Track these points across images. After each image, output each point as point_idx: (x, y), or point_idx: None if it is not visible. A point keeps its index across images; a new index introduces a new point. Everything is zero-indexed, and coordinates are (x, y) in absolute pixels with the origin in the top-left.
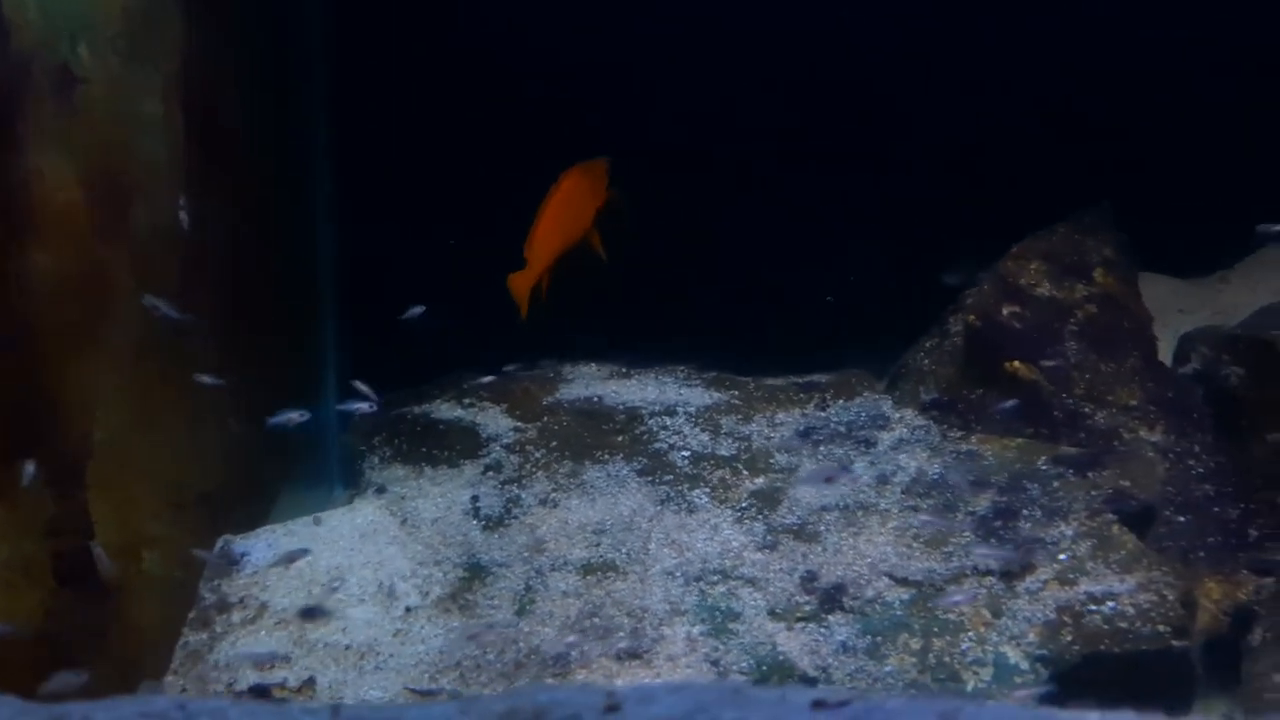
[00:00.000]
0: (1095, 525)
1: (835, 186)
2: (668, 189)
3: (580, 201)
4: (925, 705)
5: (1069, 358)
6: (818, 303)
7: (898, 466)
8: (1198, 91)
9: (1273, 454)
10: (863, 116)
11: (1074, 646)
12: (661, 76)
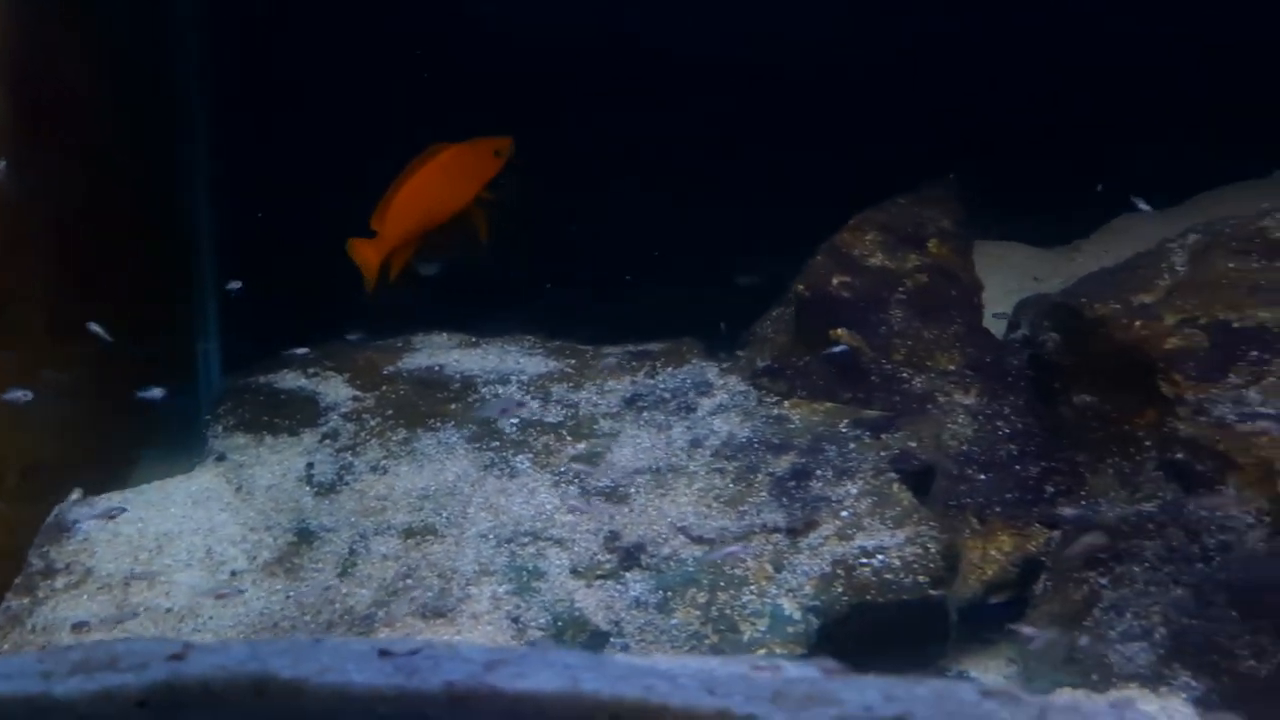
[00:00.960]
0: (878, 484)
1: (698, 161)
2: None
3: (454, 179)
4: (477, 654)
5: (892, 325)
6: (678, 276)
7: (711, 431)
8: (1061, 66)
9: (1079, 415)
10: (714, 90)
11: (844, 598)
12: (528, 52)
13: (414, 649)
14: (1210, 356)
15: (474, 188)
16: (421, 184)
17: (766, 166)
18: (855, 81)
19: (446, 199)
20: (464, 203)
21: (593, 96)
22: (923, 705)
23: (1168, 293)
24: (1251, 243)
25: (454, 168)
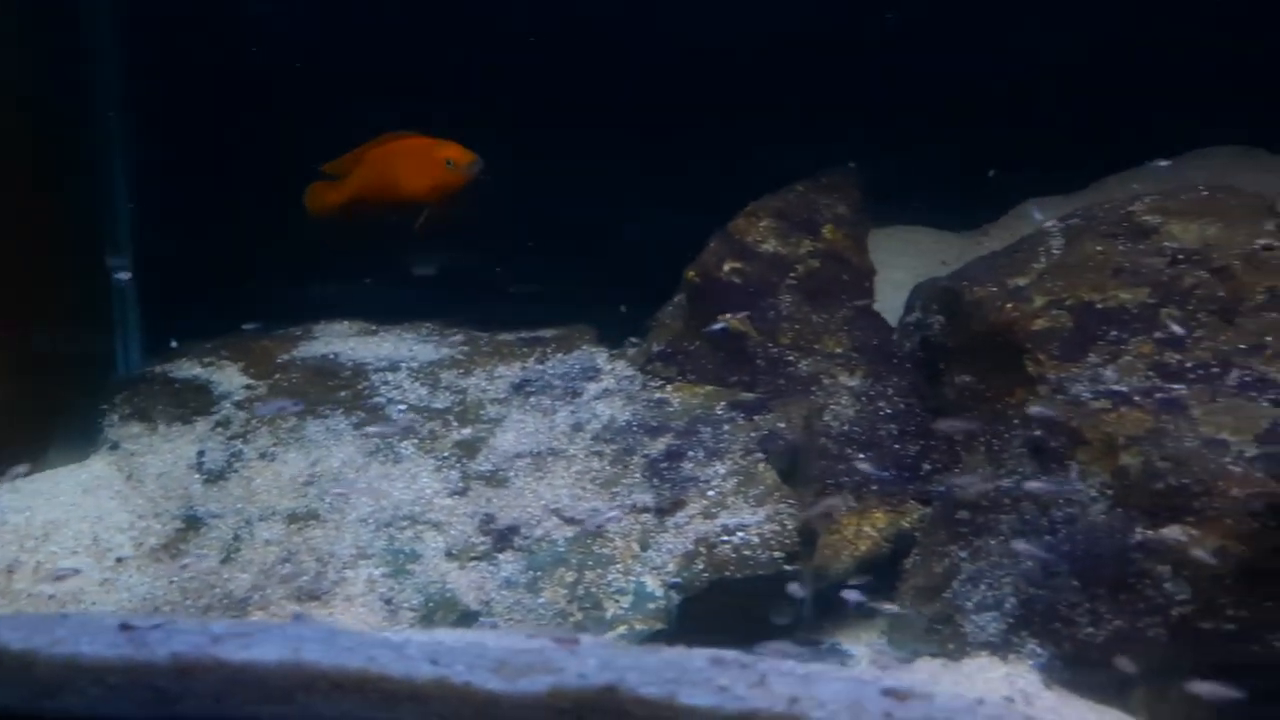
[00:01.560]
0: (745, 463)
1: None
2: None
3: (407, 167)
4: (217, 628)
5: (781, 310)
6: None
7: (594, 415)
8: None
9: (959, 395)
10: (619, 78)
11: (704, 574)
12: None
13: (157, 624)
14: (1073, 337)
15: (416, 185)
16: (387, 154)
17: (678, 156)
18: (761, 70)
19: (395, 182)
20: (416, 193)
21: (497, 87)
22: (637, 673)
23: (1039, 275)
24: (1119, 226)
25: (410, 155)
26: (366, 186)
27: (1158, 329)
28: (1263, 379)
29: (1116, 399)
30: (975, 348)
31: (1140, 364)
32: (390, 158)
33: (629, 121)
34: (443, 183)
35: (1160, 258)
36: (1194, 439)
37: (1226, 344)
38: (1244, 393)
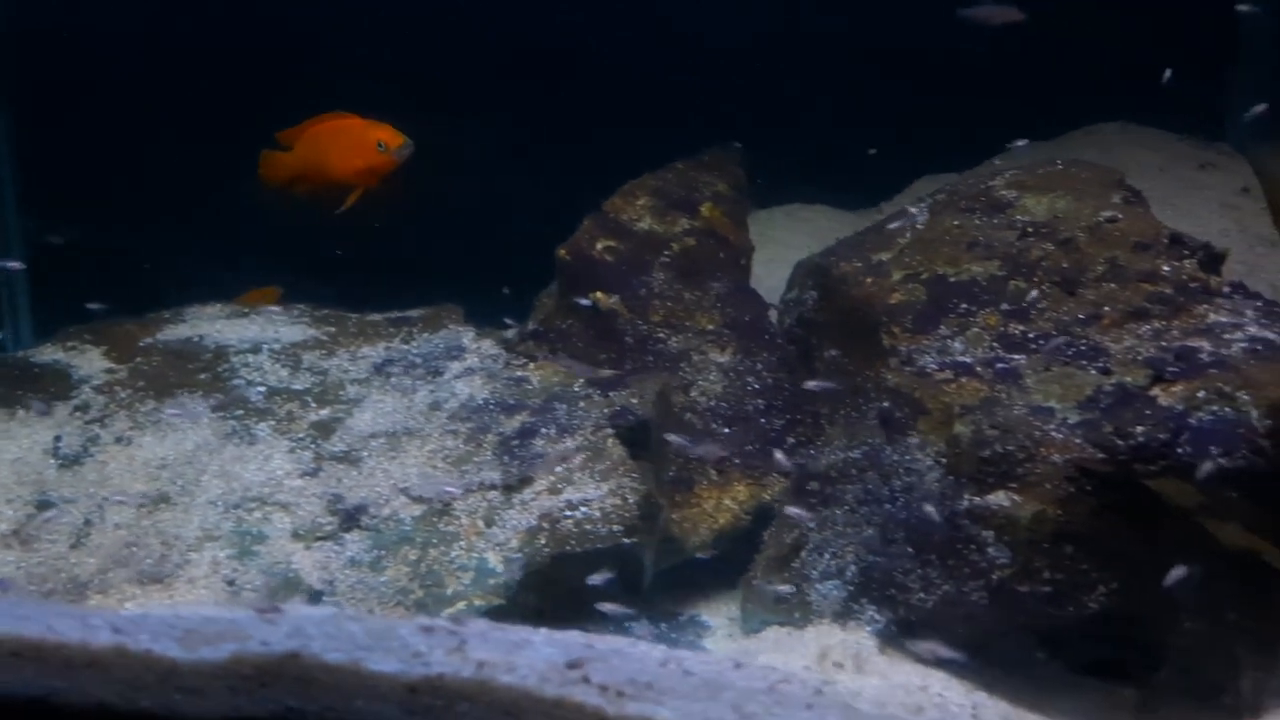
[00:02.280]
0: (595, 439)
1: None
2: None
3: (339, 148)
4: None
5: (653, 287)
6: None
7: (453, 394)
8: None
9: (827, 369)
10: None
11: (545, 549)
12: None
13: None
14: (926, 310)
15: (349, 165)
16: (322, 134)
17: (569, 138)
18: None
19: (335, 161)
20: (346, 174)
21: (372, 72)
22: (324, 640)
23: (901, 250)
24: (978, 201)
25: (349, 137)
26: (303, 164)
27: (1005, 301)
28: (1096, 348)
29: (959, 370)
30: (841, 322)
31: (986, 335)
32: (324, 137)
33: (525, 105)
34: (373, 165)
35: (1012, 231)
36: (1024, 407)
37: (1067, 314)
38: (1077, 361)
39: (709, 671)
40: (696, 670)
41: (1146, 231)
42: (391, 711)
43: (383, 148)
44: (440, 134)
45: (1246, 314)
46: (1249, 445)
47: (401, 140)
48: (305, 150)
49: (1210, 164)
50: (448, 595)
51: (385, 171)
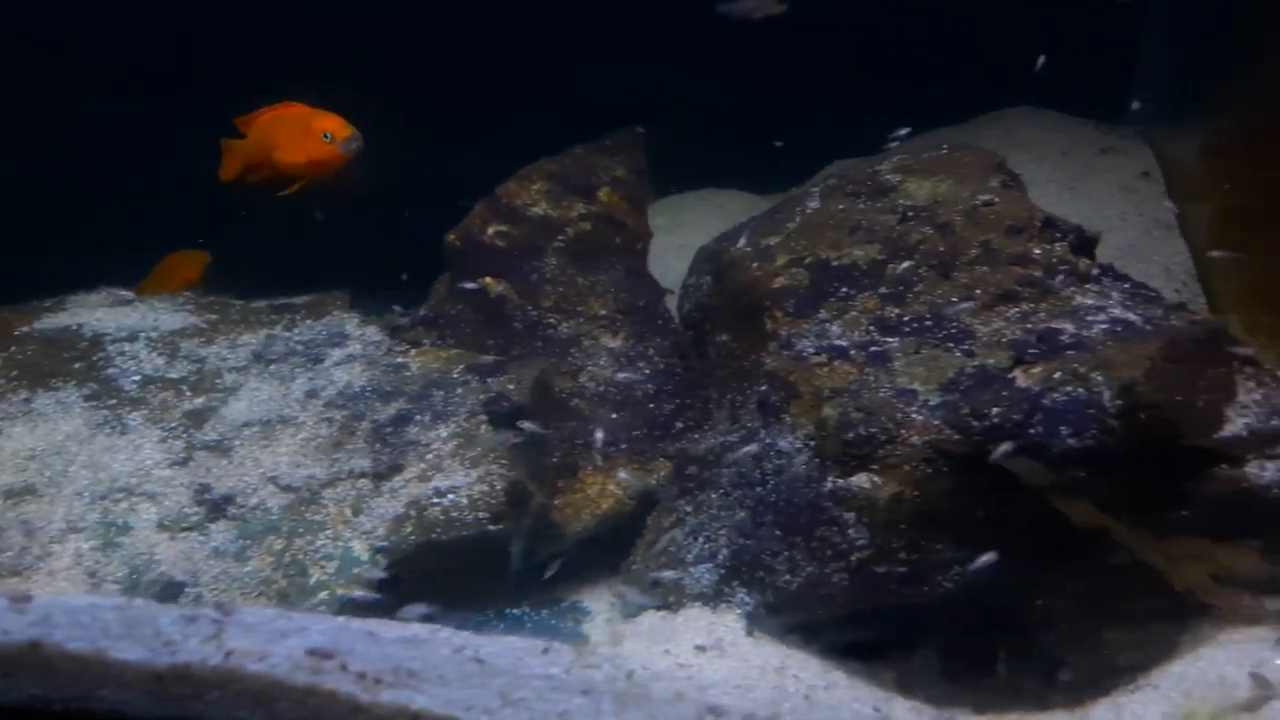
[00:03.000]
0: (468, 426)
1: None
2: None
3: (285, 138)
4: None
5: (545, 273)
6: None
7: (331, 381)
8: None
9: (718, 354)
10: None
11: (411, 537)
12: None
13: None
14: (808, 294)
15: (298, 154)
16: (268, 123)
17: (477, 123)
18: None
19: (280, 151)
20: (291, 164)
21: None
22: (68, 629)
23: (789, 235)
24: (864, 185)
25: (295, 127)
26: (253, 152)
27: (884, 284)
28: (965, 330)
29: (834, 353)
30: (731, 307)
31: (864, 319)
32: (272, 126)
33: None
34: (318, 156)
35: (894, 215)
36: (889, 390)
37: (941, 297)
38: (945, 344)
39: (507, 659)
40: (490, 658)
41: (1020, 215)
42: (140, 700)
43: (328, 139)
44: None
45: (1112, 296)
46: (1099, 425)
47: (349, 132)
48: (256, 138)
49: (1112, 148)
50: (311, 585)
51: (332, 163)
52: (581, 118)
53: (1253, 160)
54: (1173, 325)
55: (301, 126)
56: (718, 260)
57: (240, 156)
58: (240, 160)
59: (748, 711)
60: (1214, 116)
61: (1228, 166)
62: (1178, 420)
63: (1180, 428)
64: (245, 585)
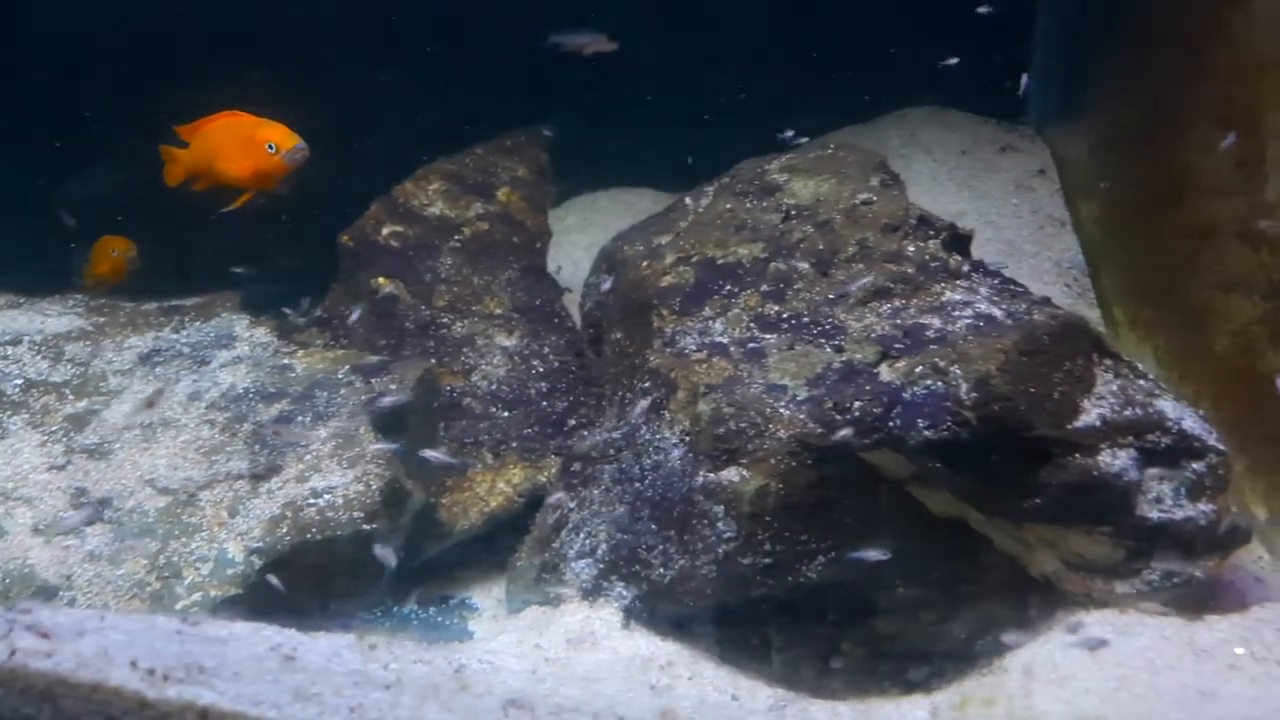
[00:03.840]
0: (349, 426)
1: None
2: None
3: (228, 148)
4: None
5: (440, 273)
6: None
7: (215, 383)
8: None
9: (612, 351)
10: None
11: (287, 538)
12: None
13: None
14: (694, 291)
15: (242, 164)
16: (211, 132)
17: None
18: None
19: (224, 161)
20: (235, 176)
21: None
22: None
23: (679, 233)
24: (752, 184)
25: (239, 137)
26: (195, 162)
27: (765, 282)
28: (838, 327)
29: (714, 350)
30: (624, 305)
31: (745, 316)
32: (214, 135)
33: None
34: (263, 168)
35: (778, 214)
36: (761, 385)
37: (819, 294)
38: (818, 340)
39: (322, 657)
40: (304, 655)
41: (896, 213)
42: None
43: (273, 149)
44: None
45: (980, 292)
46: (954, 417)
47: (294, 143)
48: (198, 148)
49: (1011, 146)
50: (184, 587)
51: (276, 174)
52: (488, 116)
53: (1132, 158)
54: (1032, 319)
55: (245, 136)
56: (613, 258)
57: (182, 165)
58: (182, 169)
59: (558, 705)
60: (1098, 116)
61: (1110, 164)
62: (1031, 411)
63: (1034, 419)
64: (119, 589)
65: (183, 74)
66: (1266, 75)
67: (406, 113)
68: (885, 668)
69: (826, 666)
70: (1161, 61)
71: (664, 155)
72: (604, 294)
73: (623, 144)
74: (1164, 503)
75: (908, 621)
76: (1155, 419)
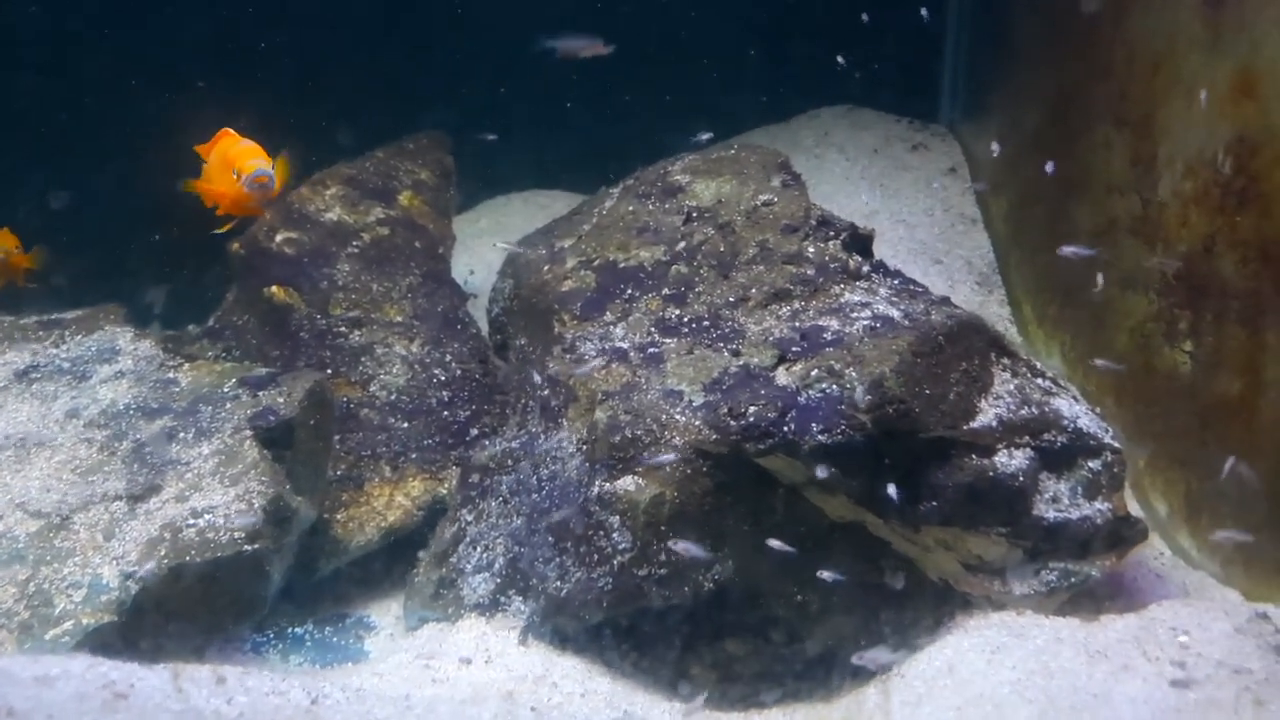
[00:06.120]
0: (233, 442)
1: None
2: None
3: (215, 169)
4: None
5: (337, 280)
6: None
7: (95, 399)
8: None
9: (516, 358)
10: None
11: (165, 560)
12: None
13: None
14: (595, 296)
15: (228, 194)
16: (211, 156)
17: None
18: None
19: (212, 181)
20: (219, 202)
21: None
22: None
23: (581, 237)
24: (655, 186)
25: (222, 164)
26: (199, 185)
27: (667, 285)
28: (738, 330)
29: (613, 355)
30: (527, 310)
31: (647, 320)
32: (210, 157)
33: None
34: (231, 194)
35: (680, 216)
36: (658, 391)
37: (719, 297)
38: (716, 344)
39: (157, 695)
40: (141, 692)
41: (797, 214)
42: None
43: (236, 175)
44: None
45: (880, 293)
46: (849, 421)
47: (253, 168)
48: (206, 168)
49: (923, 145)
50: (55, 615)
51: (244, 201)
52: (398, 120)
53: (1037, 156)
54: (929, 320)
55: (225, 161)
56: (514, 264)
57: (199, 186)
58: (196, 188)
59: None
60: (1006, 113)
61: (1017, 161)
62: (926, 413)
63: (929, 420)
64: None
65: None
66: (1159, 72)
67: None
68: (785, 677)
69: (726, 675)
70: (1063, 59)
71: (578, 157)
72: (508, 299)
73: (537, 145)
74: (1060, 502)
75: (809, 627)
76: (1051, 418)
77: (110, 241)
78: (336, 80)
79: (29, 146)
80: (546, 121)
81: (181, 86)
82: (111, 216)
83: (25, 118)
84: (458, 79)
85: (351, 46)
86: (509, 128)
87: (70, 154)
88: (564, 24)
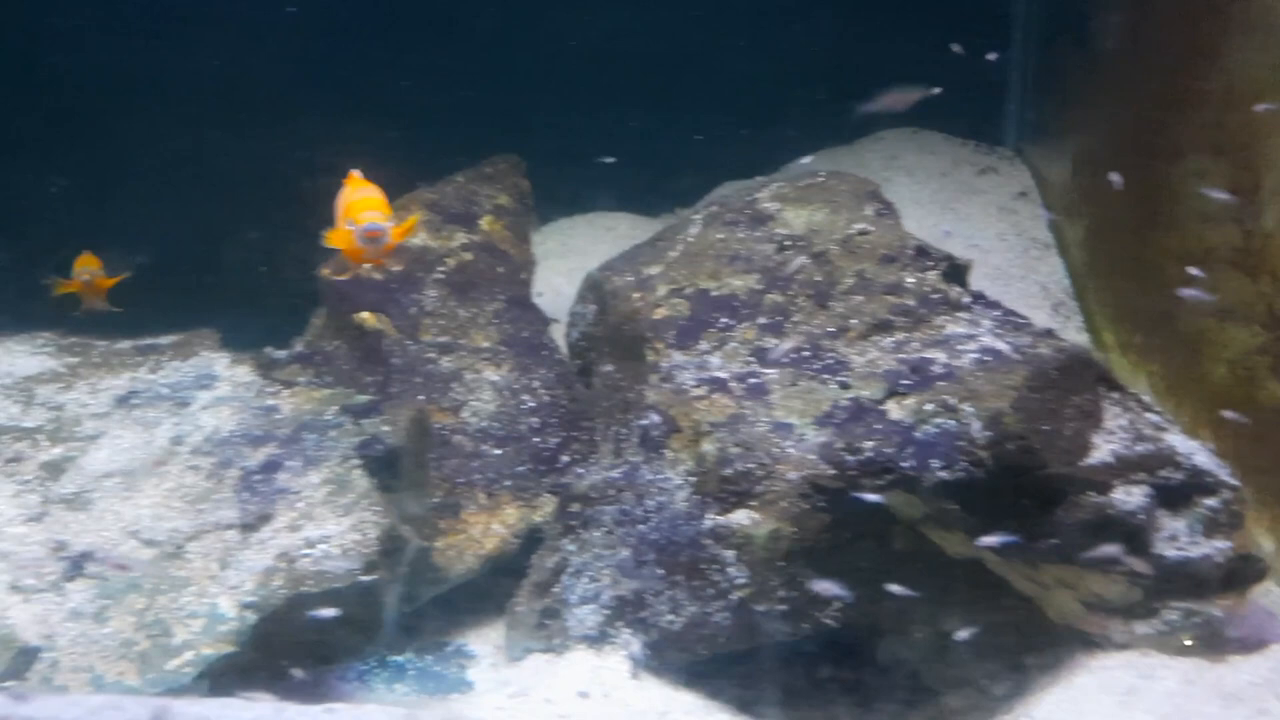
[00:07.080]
0: (341, 471)
1: None
2: None
3: (340, 213)
4: None
5: (425, 305)
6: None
7: (197, 426)
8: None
9: (603, 384)
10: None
11: (281, 590)
12: None
13: None
14: (688, 324)
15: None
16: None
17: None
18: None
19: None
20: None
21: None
22: None
23: (669, 264)
24: (743, 214)
25: (340, 219)
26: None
27: (762, 315)
28: (841, 361)
29: (713, 385)
30: (614, 337)
31: (743, 350)
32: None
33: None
34: (348, 245)
35: (772, 244)
36: (766, 424)
37: (818, 328)
38: (820, 375)
39: None
40: None
41: (893, 244)
42: None
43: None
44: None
45: (983, 324)
46: (968, 457)
47: (363, 222)
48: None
49: (991, 169)
50: (175, 645)
51: (358, 254)
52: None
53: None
54: (1039, 353)
55: (343, 210)
56: (601, 289)
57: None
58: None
59: None
60: (1078, 137)
61: (1095, 186)
62: (1044, 449)
63: (1047, 457)
64: (105, 649)
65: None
66: (1262, 102)
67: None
68: (912, 717)
69: (850, 710)
70: (1146, 85)
71: (639, 179)
72: (591, 324)
73: (596, 168)
74: (1179, 540)
75: (927, 666)
76: (1167, 454)
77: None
78: (411, 103)
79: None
80: (608, 144)
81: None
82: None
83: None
84: (525, 102)
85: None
86: (580, 151)
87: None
88: (630, 50)
